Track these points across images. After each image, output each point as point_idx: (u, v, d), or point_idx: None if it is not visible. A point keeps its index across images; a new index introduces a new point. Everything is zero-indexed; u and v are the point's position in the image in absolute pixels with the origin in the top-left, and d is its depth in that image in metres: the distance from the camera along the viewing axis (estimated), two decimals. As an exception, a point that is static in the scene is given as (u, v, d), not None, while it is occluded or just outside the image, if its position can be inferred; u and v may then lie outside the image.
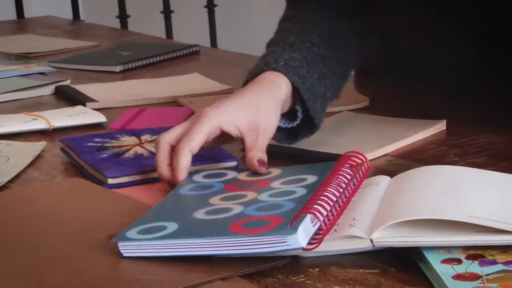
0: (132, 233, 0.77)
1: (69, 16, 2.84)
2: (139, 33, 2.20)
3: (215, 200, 0.85)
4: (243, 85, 1.02)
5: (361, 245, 0.74)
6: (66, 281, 0.72)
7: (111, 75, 1.64)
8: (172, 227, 0.78)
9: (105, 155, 1.03)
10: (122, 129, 1.20)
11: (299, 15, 1.12)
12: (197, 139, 0.93)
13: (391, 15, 1.23)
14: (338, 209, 0.79)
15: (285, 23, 1.12)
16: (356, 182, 0.85)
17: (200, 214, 0.81)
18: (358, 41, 1.13)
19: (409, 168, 0.89)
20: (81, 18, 2.95)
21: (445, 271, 0.69)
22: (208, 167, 1.01)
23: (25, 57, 1.84)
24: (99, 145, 1.07)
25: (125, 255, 0.76)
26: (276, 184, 0.87)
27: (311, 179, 0.86)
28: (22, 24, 2.48)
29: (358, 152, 0.89)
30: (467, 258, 0.71)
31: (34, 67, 1.65)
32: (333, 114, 1.18)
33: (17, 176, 1.04)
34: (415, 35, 1.23)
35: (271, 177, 0.90)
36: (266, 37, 1.11)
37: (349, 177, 0.84)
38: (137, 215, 0.84)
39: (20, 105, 1.42)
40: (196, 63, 1.74)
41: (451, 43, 1.19)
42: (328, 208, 0.77)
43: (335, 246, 0.75)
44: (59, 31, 2.23)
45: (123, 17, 2.95)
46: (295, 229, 0.72)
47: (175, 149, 0.93)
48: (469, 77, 1.19)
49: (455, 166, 0.92)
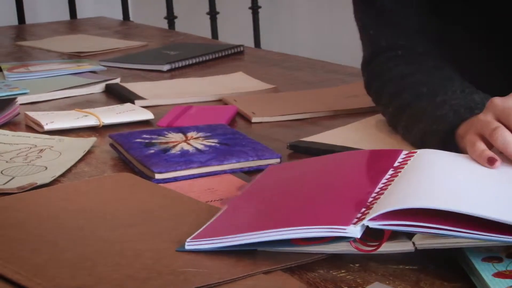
0: None
1: (119, 17, 2.88)
2: (186, 33, 2.22)
3: None
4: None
5: (403, 248, 0.74)
6: (114, 272, 0.74)
7: (159, 74, 1.67)
8: None
9: (152, 151, 1.05)
10: (169, 126, 1.23)
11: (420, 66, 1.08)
12: None
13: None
14: None
15: (412, 77, 1.06)
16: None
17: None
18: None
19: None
20: (131, 19, 2.99)
21: (485, 269, 0.70)
22: (251, 163, 1.03)
23: (77, 56, 1.88)
24: (147, 141, 1.09)
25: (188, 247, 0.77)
26: None
27: None
28: (74, 24, 2.52)
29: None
30: (508, 256, 0.72)
31: (85, 66, 1.68)
32: (366, 116, 1.20)
33: (69, 170, 1.07)
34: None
35: None
36: (307, 37, 1.10)
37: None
38: (182, 209, 0.86)
39: (72, 102, 1.45)
40: (240, 62, 1.76)
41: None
42: None
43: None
44: (109, 31, 2.26)
45: (170, 18, 2.99)
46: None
47: None
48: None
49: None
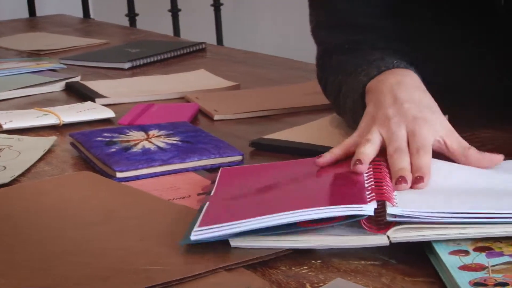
0: None
1: (79, 14, 2.86)
2: (148, 31, 2.21)
3: None
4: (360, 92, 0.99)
5: (378, 242, 0.75)
6: (75, 272, 0.74)
7: (120, 72, 1.66)
8: None
9: (113, 150, 1.05)
10: (130, 124, 1.22)
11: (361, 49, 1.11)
12: None
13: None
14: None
15: (346, 62, 1.09)
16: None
17: None
18: None
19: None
20: (92, 16, 2.97)
21: (452, 262, 0.70)
22: (213, 161, 1.03)
23: (36, 54, 1.86)
24: (108, 139, 1.09)
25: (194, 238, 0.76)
26: None
27: None
28: (34, 22, 2.50)
29: None
30: (475, 250, 0.72)
31: (45, 64, 1.67)
32: (329, 113, 1.20)
33: (28, 170, 1.06)
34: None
35: None
36: (270, 35, 1.11)
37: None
38: (144, 207, 0.86)
39: (31, 101, 1.44)
40: (202, 60, 1.76)
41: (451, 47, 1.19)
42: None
43: (352, 241, 0.76)
44: (70, 29, 2.25)
45: (131, 15, 2.97)
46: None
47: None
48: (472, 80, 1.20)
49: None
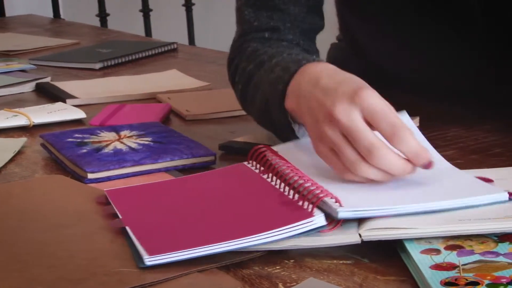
0: None
1: (49, 14, 2.84)
2: (119, 31, 2.20)
3: None
4: (284, 84, 0.94)
5: (350, 240, 0.75)
6: (47, 274, 0.73)
7: (91, 72, 1.66)
8: None
9: (85, 151, 1.04)
10: (101, 125, 1.22)
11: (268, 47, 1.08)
12: None
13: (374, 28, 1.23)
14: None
15: (261, 51, 1.05)
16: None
17: None
18: None
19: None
20: (62, 16, 2.95)
21: (423, 261, 0.71)
22: (185, 161, 1.02)
23: (5, 55, 1.85)
24: (79, 140, 1.08)
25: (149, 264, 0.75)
26: None
27: None
28: (3, 22, 2.47)
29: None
30: (446, 248, 0.73)
31: (14, 65, 1.66)
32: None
33: (-2, 171, 1.05)
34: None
35: None
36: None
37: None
38: (115, 210, 0.85)
39: (1, 102, 1.42)
40: (174, 60, 1.75)
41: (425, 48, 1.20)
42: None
43: (324, 240, 0.76)
44: (40, 29, 2.23)
45: (102, 15, 2.96)
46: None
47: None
48: (442, 79, 1.21)
49: None
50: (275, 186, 0.85)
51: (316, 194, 0.78)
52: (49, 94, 1.46)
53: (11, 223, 0.85)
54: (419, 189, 0.81)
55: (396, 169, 0.81)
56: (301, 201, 0.79)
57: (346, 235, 0.76)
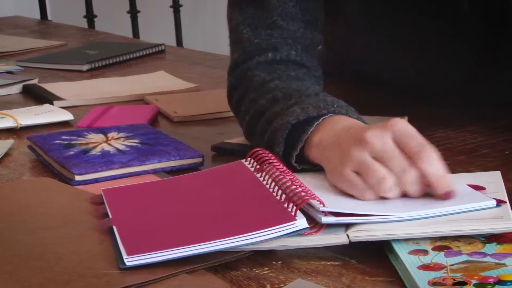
0: None
1: (36, 16, 2.83)
2: (106, 32, 2.20)
3: None
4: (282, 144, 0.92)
5: (338, 240, 0.75)
6: (34, 276, 0.73)
7: (79, 74, 1.65)
8: None
9: (72, 152, 1.04)
10: (89, 127, 1.21)
11: (279, 75, 1.05)
12: None
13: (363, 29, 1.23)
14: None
15: (271, 84, 1.02)
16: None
17: None
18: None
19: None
20: (49, 18, 2.94)
21: (411, 261, 0.71)
22: (173, 163, 1.02)
23: (-8, 57, 1.85)
24: (66, 142, 1.08)
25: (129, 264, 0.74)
26: None
27: None
28: (-11, 24, 2.47)
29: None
30: (434, 249, 0.73)
31: (1, 66, 1.65)
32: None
33: (-15, 173, 1.05)
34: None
35: None
36: (230, 36, 1.09)
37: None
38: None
39: (-13, 104, 1.42)
40: (162, 62, 1.75)
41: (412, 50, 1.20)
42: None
43: (312, 241, 0.76)
44: (26, 30, 2.23)
45: (90, 17, 2.95)
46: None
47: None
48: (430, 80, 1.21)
49: None
50: (266, 186, 0.85)
51: (300, 196, 0.78)
52: (36, 95, 1.45)
53: (-2, 225, 0.85)
54: (408, 197, 0.81)
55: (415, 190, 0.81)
56: (286, 203, 0.79)
57: (334, 236, 0.76)
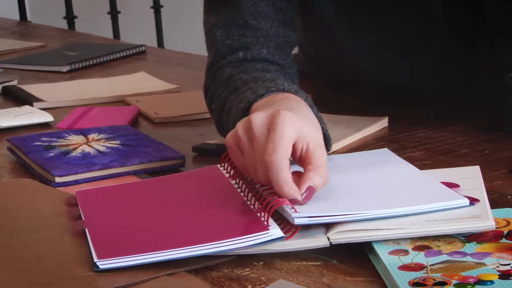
0: None
1: (16, 17, 2.81)
2: (87, 33, 2.19)
3: None
4: (239, 115, 0.92)
5: (319, 243, 0.75)
6: (14, 278, 0.73)
7: (59, 75, 1.64)
8: None
9: (52, 154, 1.03)
10: (69, 128, 1.21)
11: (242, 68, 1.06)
12: None
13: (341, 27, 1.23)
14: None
15: (236, 77, 1.03)
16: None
17: None
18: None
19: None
20: (28, 19, 2.92)
21: (391, 262, 0.71)
22: (154, 164, 1.02)
23: (-29, 58, 1.83)
24: (46, 144, 1.07)
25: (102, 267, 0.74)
26: None
27: None
28: (-33, 25, 2.46)
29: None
30: (414, 249, 0.73)
31: (-20, 68, 1.64)
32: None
33: (-36, 176, 1.04)
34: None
35: None
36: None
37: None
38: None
39: (-34, 106, 1.41)
40: (143, 62, 1.75)
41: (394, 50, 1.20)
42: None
43: (293, 244, 0.76)
44: (5, 32, 2.21)
45: (70, 18, 2.93)
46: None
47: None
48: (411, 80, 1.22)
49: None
50: (240, 193, 0.85)
51: (270, 204, 0.78)
52: (15, 97, 1.44)
53: (-23, 228, 0.84)
54: (381, 195, 0.82)
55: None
56: (259, 212, 0.79)
57: (314, 239, 0.76)
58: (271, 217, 0.78)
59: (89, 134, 1.12)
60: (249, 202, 0.82)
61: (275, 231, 0.76)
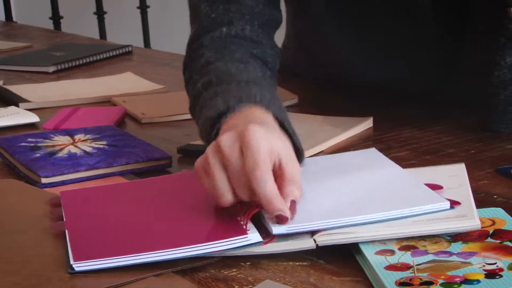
0: None
1: (1, 17, 2.80)
2: (73, 34, 2.18)
3: None
4: (211, 126, 0.91)
5: (305, 245, 0.75)
6: (1, 280, 0.72)
7: (45, 75, 1.64)
8: None
9: (38, 155, 1.03)
10: (55, 129, 1.21)
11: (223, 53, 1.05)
12: None
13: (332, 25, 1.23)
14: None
15: (213, 65, 1.02)
16: None
17: None
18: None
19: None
20: (14, 19, 2.91)
21: (378, 262, 0.71)
22: (141, 164, 1.02)
23: (-44, 59, 1.82)
24: (32, 145, 1.07)
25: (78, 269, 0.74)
26: None
27: None
28: (-48, 26, 2.44)
29: None
30: (400, 249, 0.74)
31: (-35, 68, 1.64)
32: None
33: (-51, 177, 1.04)
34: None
35: None
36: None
37: None
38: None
39: (-49, 107, 1.40)
40: (129, 63, 1.75)
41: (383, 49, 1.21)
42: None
43: (280, 246, 0.76)
44: (-9, 32, 2.21)
45: (56, 18, 2.93)
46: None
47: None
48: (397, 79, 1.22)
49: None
50: None
51: (250, 209, 0.78)
52: (1, 98, 1.44)
53: (-37, 229, 0.84)
54: (364, 199, 0.81)
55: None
56: (239, 216, 0.79)
57: (301, 241, 0.76)
58: (252, 221, 0.78)
59: (76, 134, 1.11)
60: (230, 206, 0.82)
61: (253, 236, 0.76)
